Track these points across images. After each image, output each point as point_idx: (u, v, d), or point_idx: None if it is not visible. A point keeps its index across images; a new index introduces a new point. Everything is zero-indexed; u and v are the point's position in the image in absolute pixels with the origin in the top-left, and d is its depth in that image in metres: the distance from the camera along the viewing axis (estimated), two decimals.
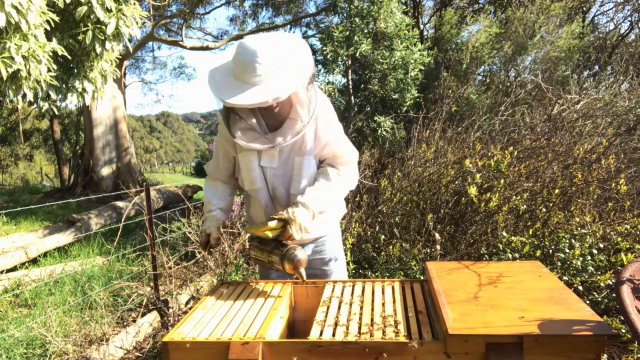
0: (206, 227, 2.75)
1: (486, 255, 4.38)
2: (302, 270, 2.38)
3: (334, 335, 1.96)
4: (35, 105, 6.23)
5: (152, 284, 5.16)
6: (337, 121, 2.73)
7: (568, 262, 3.87)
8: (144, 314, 4.91)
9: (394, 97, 8.22)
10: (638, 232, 4.14)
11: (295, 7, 17.28)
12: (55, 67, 5.52)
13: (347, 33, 8.01)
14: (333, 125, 2.66)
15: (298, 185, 2.62)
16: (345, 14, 8.38)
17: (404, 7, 9.87)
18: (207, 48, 17.87)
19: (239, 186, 2.85)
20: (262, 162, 2.62)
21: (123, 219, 6.12)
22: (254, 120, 2.53)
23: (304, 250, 2.43)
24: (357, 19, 8.10)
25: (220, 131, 2.73)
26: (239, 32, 18.90)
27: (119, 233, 5.91)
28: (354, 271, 4.95)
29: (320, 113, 2.57)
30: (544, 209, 4.56)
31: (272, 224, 2.42)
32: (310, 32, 17.30)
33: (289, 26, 17.60)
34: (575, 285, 3.74)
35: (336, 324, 2.04)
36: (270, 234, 2.42)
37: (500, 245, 4.26)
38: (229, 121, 2.55)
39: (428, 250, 4.85)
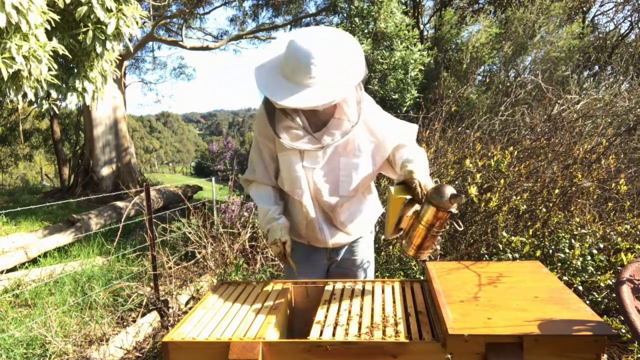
0: (278, 236, 2.55)
1: (486, 255, 4.38)
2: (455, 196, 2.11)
3: (334, 335, 1.96)
4: (35, 105, 6.23)
5: (152, 284, 5.17)
6: (384, 112, 2.65)
7: (568, 262, 3.87)
8: (144, 314, 4.91)
9: (394, 97, 8.23)
10: (638, 232, 4.13)
11: (295, 8, 17.28)
12: (55, 66, 5.52)
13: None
14: (384, 117, 2.60)
15: (348, 187, 2.54)
16: (345, 14, 8.39)
17: (404, 7, 9.88)
18: (207, 48, 17.88)
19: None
20: (304, 163, 2.52)
21: (123, 219, 6.12)
22: (298, 120, 2.44)
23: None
24: (357, 19, 8.11)
25: (260, 131, 2.59)
26: (239, 32, 18.92)
27: (119, 233, 5.91)
28: None
29: (369, 111, 2.51)
30: (544, 209, 4.55)
31: (396, 190, 2.28)
32: None
33: (289, 26, 17.61)
34: (575, 285, 3.74)
35: (336, 324, 2.04)
36: (405, 196, 2.25)
37: (500, 245, 4.26)
38: (274, 119, 2.46)
39: None
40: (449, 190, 2.11)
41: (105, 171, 14.85)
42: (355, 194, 2.59)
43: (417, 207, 2.25)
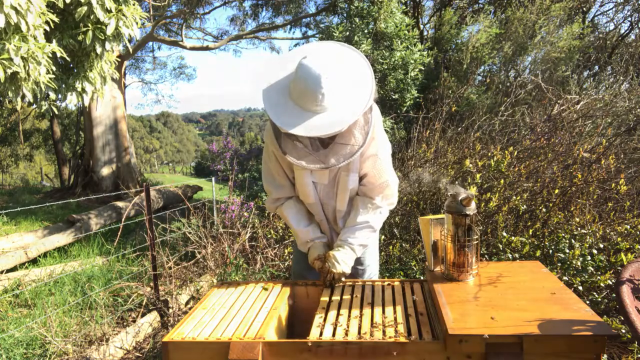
0: (317, 253, 2.64)
1: (486, 256, 4.38)
2: None
3: (334, 335, 1.96)
4: (35, 106, 6.23)
5: (152, 284, 5.16)
6: (386, 140, 2.67)
7: (568, 262, 3.87)
8: (143, 314, 4.91)
9: (393, 97, 8.22)
10: (638, 232, 4.13)
11: (295, 7, 17.24)
12: (54, 68, 5.52)
13: (347, 33, 8.01)
14: (383, 146, 2.62)
15: (343, 203, 2.66)
16: (345, 14, 8.39)
17: (404, 7, 9.87)
18: (207, 48, 17.86)
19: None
20: (313, 178, 2.61)
21: (123, 219, 6.12)
22: (304, 140, 2.41)
23: None
24: (357, 19, 8.11)
25: (273, 144, 2.56)
26: (239, 32, 18.89)
27: (119, 233, 5.91)
28: None
29: (374, 135, 2.51)
30: (544, 209, 4.56)
31: (423, 217, 2.49)
32: (310, 32, 17.29)
33: (289, 26, 17.59)
34: (575, 286, 3.74)
35: (336, 324, 2.05)
36: (431, 217, 2.45)
37: (500, 245, 4.26)
38: (280, 136, 2.43)
39: None
40: (460, 193, 2.20)
41: (105, 171, 14.85)
42: (347, 207, 2.70)
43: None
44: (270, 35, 19.19)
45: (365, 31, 8.14)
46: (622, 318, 2.56)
